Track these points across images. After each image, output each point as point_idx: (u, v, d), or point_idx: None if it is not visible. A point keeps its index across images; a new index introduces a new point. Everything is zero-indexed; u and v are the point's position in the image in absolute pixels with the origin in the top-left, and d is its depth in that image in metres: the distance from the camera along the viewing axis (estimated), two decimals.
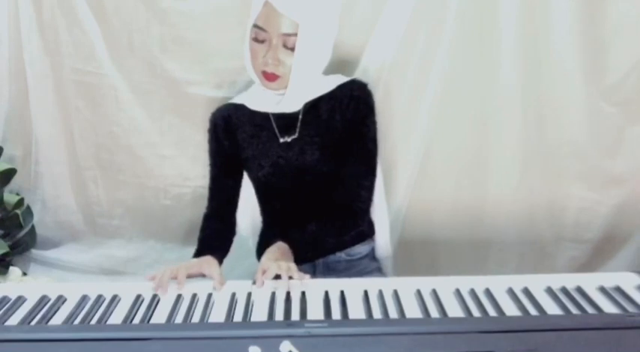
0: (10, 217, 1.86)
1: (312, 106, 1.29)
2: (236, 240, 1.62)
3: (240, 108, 1.34)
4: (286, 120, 1.30)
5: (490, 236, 1.77)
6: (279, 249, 1.18)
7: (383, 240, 1.46)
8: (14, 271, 1.85)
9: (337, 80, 1.32)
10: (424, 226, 1.76)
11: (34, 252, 1.96)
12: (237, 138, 1.34)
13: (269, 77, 1.20)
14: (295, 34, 1.15)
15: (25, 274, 1.89)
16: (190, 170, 1.81)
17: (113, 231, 1.92)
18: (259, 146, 1.31)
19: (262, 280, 1.05)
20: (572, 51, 1.57)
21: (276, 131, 1.30)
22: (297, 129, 1.29)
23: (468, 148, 1.71)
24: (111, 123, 1.78)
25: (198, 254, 1.27)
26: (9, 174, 1.83)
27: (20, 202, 1.86)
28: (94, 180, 1.87)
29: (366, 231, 1.41)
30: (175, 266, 1.12)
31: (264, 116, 1.31)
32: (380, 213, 1.43)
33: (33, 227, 1.93)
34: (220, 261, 1.26)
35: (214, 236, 1.37)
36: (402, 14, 1.57)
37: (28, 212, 1.91)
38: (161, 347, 0.85)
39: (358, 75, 1.58)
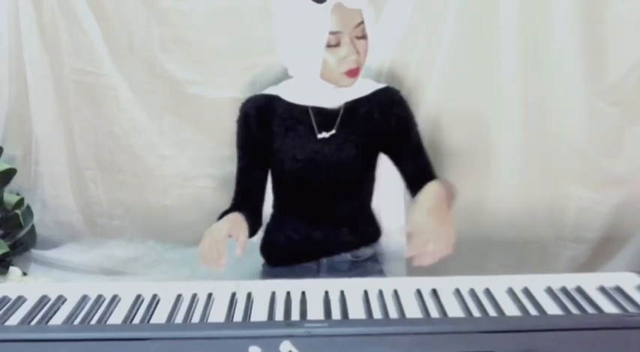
0: (10, 217, 1.86)
1: (352, 106, 1.30)
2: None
3: (276, 99, 1.32)
4: (325, 117, 1.30)
5: (490, 236, 1.78)
6: (436, 188, 1.04)
7: (401, 236, 1.46)
8: (14, 271, 1.85)
9: (372, 84, 1.34)
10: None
11: (34, 252, 1.96)
12: (271, 130, 1.32)
13: (353, 73, 1.20)
14: (362, 22, 1.18)
15: (25, 274, 1.90)
16: (190, 170, 1.81)
17: (113, 231, 1.92)
18: (295, 139, 1.30)
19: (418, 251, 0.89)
20: (572, 51, 1.58)
21: (315, 126, 1.30)
22: (336, 126, 1.29)
23: (468, 148, 1.71)
24: (111, 123, 1.79)
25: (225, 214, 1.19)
26: (9, 174, 1.83)
27: (20, 202, 1.86)
28: (94, 180, 1.87)
29: (373, 234, 1.42)
30: (210, 239, 1.04)
31: (303, 110, 1.30)
32: (397, 207, 1.44)
33: (33, 227, 1.94)
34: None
35: (243, 210, 1.27)
36: (402, 14, 1.57)
37: (28, 212, 1.92)
38: (161, 347, 0.85)
39: None
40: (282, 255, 1.40)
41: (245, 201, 1.36)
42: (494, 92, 1.64)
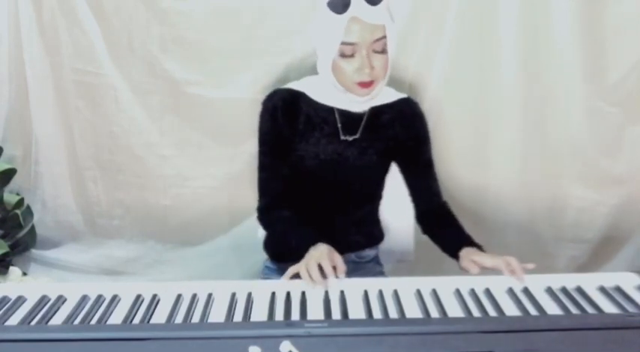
0: (10, 217, 1.86)
1: (376, 112, 1.31)
2: (236, 239, 1.61)
3: (302, 95, 1.31)
4: (349, 119, 1.30)
5: (490, 236, 1.77)
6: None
7: (408, 240, 1.48)
8: (14, 271, 1.85)
9: (394, 93, 1.35)
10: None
11: (34, 252, 1.96)
12: (296, 125, 1.30)
13: (367, 85, 1.20)
14: (383, 37, 1.17)
15: (25, 274, 1.89)
16: (190, 170, 1.81)
17: (113, 231, 1.92)
18: (321, 139, 1.30)
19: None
20: (572, 51, 1.58)
21: (340, 127, 1.31)
22: (360, 130, 1.30)
23: (468, 148, 1.71)
24: (111, 123, 1.78)
25: (304, 244, 1.16)
26: (9, 174, 1.83)
27: (20, 202, 1.86)
28: (94, 180, 1.87)
29: (377, 236, 1.43)
30: (313, 262, 1.07)
31: (329, 110, 1.30)
32: (405, 211, 1.44)
33: (33, 227, 1.94)
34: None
35: (297, 222, 1.29)
36: (402, 14, 1.57)
37: (28, 212, 1.92)
38: (161, 347, 0.85)
39: None
40: (288, 252, 1.39)
41: (276, 198, 1.33)
42: (494, 92, 1.64)
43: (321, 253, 1.10)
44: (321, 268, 1.07)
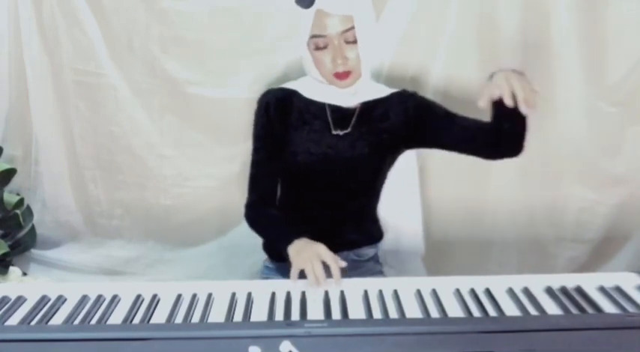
0: (10, 217, 1.86)
1: (368, 107, 1.33)
2: (236, 239, 1.61)
3: (294, 93, 1.34)
4: (341, 114, 1.32)
5: (490, 236, 1.78)
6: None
7: (417, 236, 1.48)
8: (14, 271, 1.85)
9: (388, 89, 1.36)
10: (424, 226, 1.76)
11: (34, 252, 1.96)
12: (289, 122, 1.33)
13: (342, 76, 1.23)
14: (352, 28, 1.19)
15: (25, 274, 1.90)
16: (190, 170, 1.81)
17: (113, 231, 1.92)
18: (311, 134, 1.32)
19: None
20: (572, 51, 1.57)
21: (331, 123, 1.32)
22: (351, 125, 1.32)
23: None
24: (111, 123, 1.79)
25: (286, 240, 1.18)
26: (9, 174, 1.83)
27: (20, 202, 1.86)
28: (94, 180, 1.87)
29: (376, 234, 1.43)
30: (316, 260, 1.08)
31: (320, 106, 1.32)
32: (413, 207, 1.46)
33: (33, 227, 1.94)
34: None
35: (281, 220, 1.32)
36: (402, 14, 1.57)
37: (28, 212, 1.92)
38: (161, 347, 0.85)
39: None
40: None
41: (264, 195, 1.35)
42: None
43: (322, 250, 1.10)
44: (326, 267, 1.07)
